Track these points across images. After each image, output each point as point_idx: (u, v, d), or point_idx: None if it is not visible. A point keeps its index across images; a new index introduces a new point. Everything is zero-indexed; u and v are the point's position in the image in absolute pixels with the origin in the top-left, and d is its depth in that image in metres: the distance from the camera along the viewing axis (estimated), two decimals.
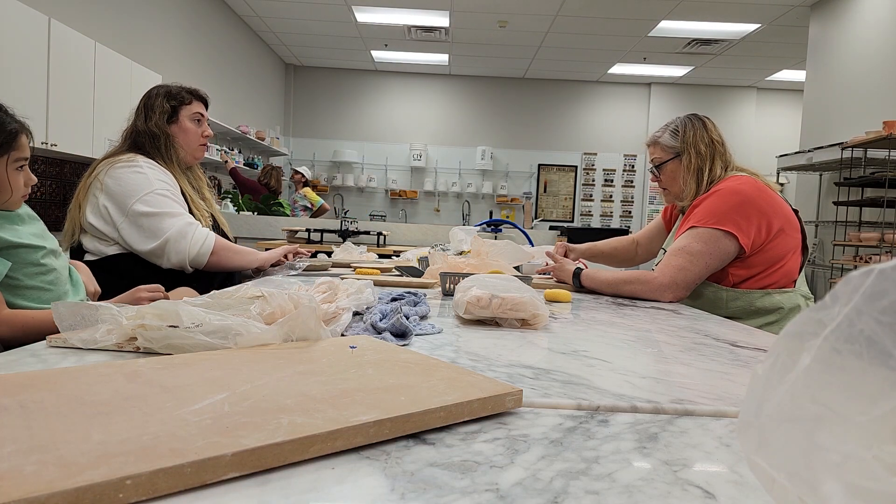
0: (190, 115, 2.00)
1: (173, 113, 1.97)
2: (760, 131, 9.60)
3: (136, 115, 1.97)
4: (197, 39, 6.56)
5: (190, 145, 2.01)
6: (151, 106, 1.95)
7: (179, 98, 1.99)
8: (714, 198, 1.76)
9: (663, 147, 1.93)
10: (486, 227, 4.48)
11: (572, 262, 1.97)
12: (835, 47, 5.83)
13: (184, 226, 1.80)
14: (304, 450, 0.49)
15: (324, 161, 9.84)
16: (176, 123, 1.98)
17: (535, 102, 9.90)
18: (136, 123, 1.96)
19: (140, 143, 1.94)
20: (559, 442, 0.57)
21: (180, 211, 1.83)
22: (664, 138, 1.93)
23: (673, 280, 1.71)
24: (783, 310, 1.75)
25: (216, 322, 0.81)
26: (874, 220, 5.11)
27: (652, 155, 1.98)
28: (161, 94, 1.98)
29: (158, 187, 1.82)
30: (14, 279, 1.36)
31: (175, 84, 2.05)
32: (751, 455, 0.36)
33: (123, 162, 1.85)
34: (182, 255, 1.79)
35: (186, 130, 1.99)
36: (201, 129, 2.03)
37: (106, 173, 1.82)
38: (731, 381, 0.83)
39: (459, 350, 0.96)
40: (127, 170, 1.83)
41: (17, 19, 3.58)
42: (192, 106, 2.01)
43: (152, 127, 1.93)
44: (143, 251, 1.79)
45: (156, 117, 1.94)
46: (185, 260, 1.80)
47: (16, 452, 0.44)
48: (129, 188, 1.79)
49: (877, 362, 0.31)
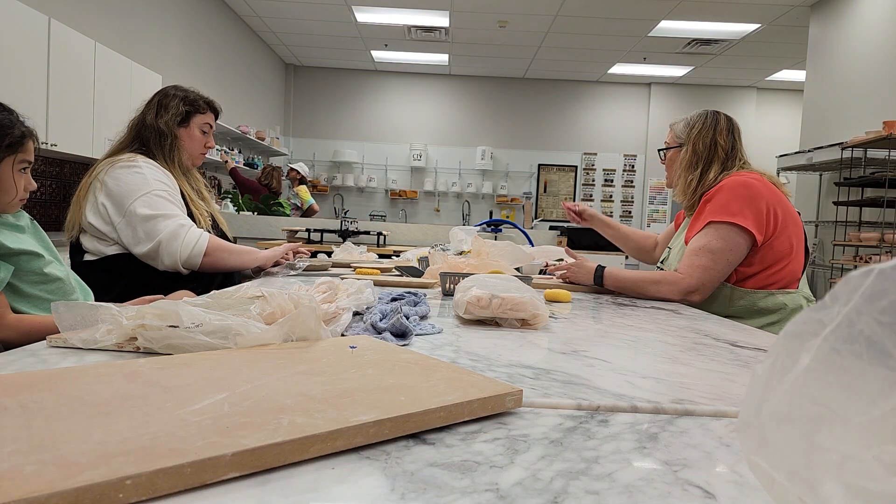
0: (201, 124, 2.02)
1: (186, 117, 1.99)
2: (760, 131, 9.59)
3: (148, 109, 1.97)
4: (197, 39, 6.56)
5: (192, 152, 2.03)
6: (166, 105, 1.96)
7: (196, 105, 2.01)
8: (723, 192, 1.76)
9: (674, 133, 1.98)
10: (486, 227, 4.48)
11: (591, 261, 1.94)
12: (835, 47, 5.83)
13: (176, 227, 1.79)
14: (304, 450, 0.49)
15: (324, 161, 9.84)
16: (185, 128, 1.99)
17: (535, 102, 9.90)
18: (145, 116, 1.96)
19: (145, 138, 1.94)
20: (559, 442, 0.57)
21: (175, 212, 1.82)
22: (678, 126, 1.97)
23: (700, 281, 1.70)
24: (785, 309, 1.74)
25: (216, 322, 0.81)
26: (874, 220, 5.11)
27: (667, 137, 2.03)
28: (179, 96, 1.99)
29: (156, 188, 1.81)
30: (16, 286, 1.37)
31: (192, 89, 2.06)
32: (750, 455, 0.36)
33: (123, 162, 1.85)
34: (174, 258, 1.78)
35: (193, 138, 2.01)
36: (206, 139, 2.05)
37: (106, 173, 1.82)
38: (731, 381, 0.83)
39: (459, 350, 0.96)
40: (126, 170, 1.83)
41: (17, 19, 3.58)
42: (206, 116, 2.04)
43: (162, 125, 1.94)
44: (139, 254, 1.79)
45: (168, 116, 1.95)
46: (177, 262, 1.79)
47: (16, 452, 0.44)
48: (127, 188, 1.79)
49: (876, 362, 0.31)
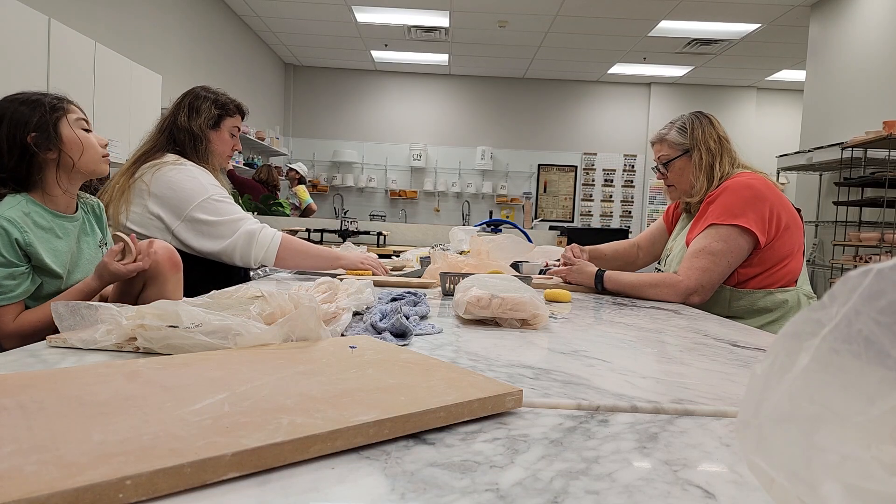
0: (231, 127, 2.04)
1: (218, 120, 2.00)
2: (760, 131, 9.59)
3: (178, 111, 1.97)
4: (197, 39, 6.56)
5: (222, 154, 2.05)
6: (198, 108, 1.97)
7: (227, 108, 2.02)
8: (726, 194, 1.75)
9: (671, 144, 1.91)
10: (486, 227, 4.48)
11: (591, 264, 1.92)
12: (835, 47, 5.83)
13: (248, 233, 1.84)
14: (304, 450, 0.49)
15: (324, 161, 9.83)
16: (216, 131, 2.01)
17: (535, 102, 9.89)
18: (177, 118, 1.96)
19: (179, 140, 1.94)
20: (559, 442, 0.57)
21: (241, 215, 1.88)
22: (671, 135, 1.91)
23: (699, 283, 1.69)
24: (786, 306, 1.74)
25: (216, 322, 0.81)
26: (874, 220, 5.11)
27: (658, 153, 1.95)
28: (210, 99, 2.00)
29: (213, 193, 1.85)
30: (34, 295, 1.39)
31: (222, 91, 2.06)
32: (750, 455, 0.36)
33: (170, 165, 1.85)
34: (248, 259, 1.85)
35: (224, 141, 2.03)
36: (234, 141, 2.08)
37: (153, 176, 1.82)
38: (731, 381, 0.83)
39: (459, 350, 0.96)
40: (178, 174, 1.83)
41: (17, 19, 3.57)
42: (235, 119, 2.05)
43: (195, 127, 1.95)
44: (205, 252, 1.83)
45: (201, 119, 1.96)
46: (250, 262, 1.87)
47: (16, 452, 0.44)
48: (185, 194, 1.81)
49: (875, 362, 0.31)
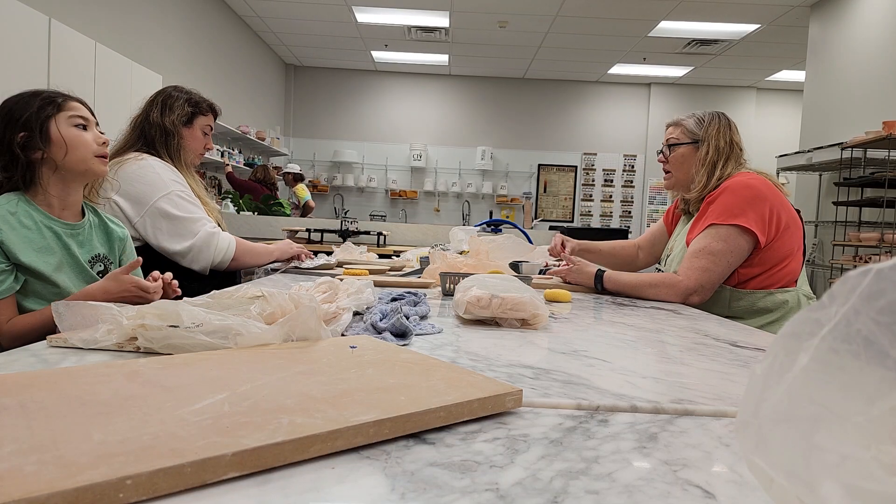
0: (203, 125, 2.09)
1: (190, 118, 2.05)
2: (760, 131, 9.59)
3: (151, 107, 2.01)
4: (197, 39, 6.56)
5: (194, 151, 2.09)
6: (171, 105, 2.01)
7: (199, 107, 2.07)
8: (727, 194, 1.75)
9: (684, 130, 1.92)
10: (486, 228, 4.48)
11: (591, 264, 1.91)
12: (835, 47, 5.83)
13: (207, 235, 1.90)
14: (304, 450, 0.49)
15: (324, 161, 9.83)
16: (189, 128, 2.05)
17: (535, 102, 9.89)
18: (149, 114, 2.00)
19: (150, 136, 1.99)
20: (559, 442, 0.57)
21: (201, 215, 1.93)
22: (688, 122, 1.92)
23: (699, 283, 1.69)
24: (786, 305, 1.74)
25: (216, 322, 0.81)
26: (874, 220, 5.11)
27: (670, 135, 1.95)
28: (183, 97, 2.05)
29: (176, 189, 1.90)
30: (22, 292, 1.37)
31: (195, 91, 2.11)
32: (749, 455, 0.36)
33: (132, 160, 1.90)
34: (205, 263, 1.91)
35: (196, 138, 2.08)
36: (206, 140, 2.12)
37: (115, 172, 1.85)
38: (731, 381, 0.83)
39: (459, 350, 0.96)
40: (138, 169, 1.88)
41: (17, 19, 3.57)
42: (207, 118, 2.10)
43: (167, 123, 1.99)
44: (168, 251, 1.87)
45: (173, 116, 2.00)
46: (206, 267, 1.92)
47: (16, 452, 0.44)
48: (146, 188, 1.86)
49: (874, 362, 0.31)
